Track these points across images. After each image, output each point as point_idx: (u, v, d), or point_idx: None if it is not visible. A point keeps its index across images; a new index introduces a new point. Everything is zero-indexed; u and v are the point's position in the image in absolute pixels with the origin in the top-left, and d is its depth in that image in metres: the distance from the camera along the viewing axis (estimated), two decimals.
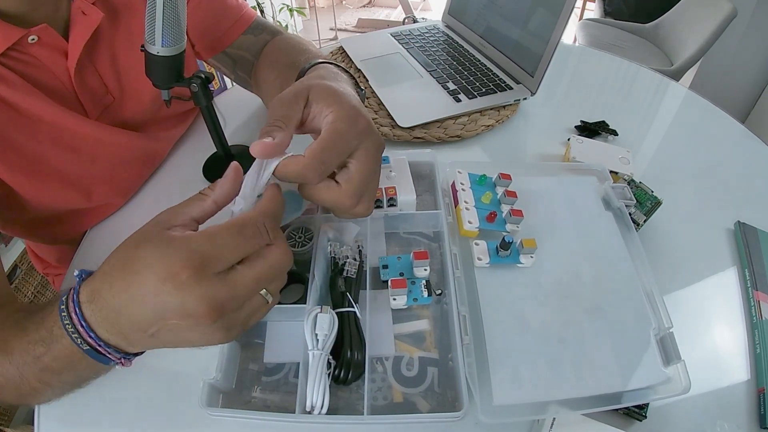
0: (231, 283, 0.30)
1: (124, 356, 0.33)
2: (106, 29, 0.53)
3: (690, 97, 0.79)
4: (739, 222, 0.56)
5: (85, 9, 0.50)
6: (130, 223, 0.60)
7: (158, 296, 0.28)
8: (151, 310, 0.29)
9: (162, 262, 0.28)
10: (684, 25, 1.69)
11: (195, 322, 0.29)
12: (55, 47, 0.49)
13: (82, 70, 0.52)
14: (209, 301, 0.29)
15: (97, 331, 0.31)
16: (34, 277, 1.17)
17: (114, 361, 0.33)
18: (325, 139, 0.35)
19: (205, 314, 0.29)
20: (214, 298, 0.29)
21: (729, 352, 0.46)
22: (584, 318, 0.44)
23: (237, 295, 0.30)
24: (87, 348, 0.31)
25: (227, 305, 0.30)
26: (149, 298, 0.29)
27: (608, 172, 0.55)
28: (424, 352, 0.43)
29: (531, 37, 0.71)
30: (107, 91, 0.55)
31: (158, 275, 0.28)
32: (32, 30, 0.46)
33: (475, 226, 0.48)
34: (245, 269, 0.31)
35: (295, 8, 2.70)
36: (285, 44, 0.64)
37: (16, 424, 0.99)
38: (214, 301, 0.29)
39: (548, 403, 0.39)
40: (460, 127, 0.68)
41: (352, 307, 0.43)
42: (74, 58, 0.50)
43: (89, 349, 0.31)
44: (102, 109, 0.56)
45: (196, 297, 0.28)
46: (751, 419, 0.41)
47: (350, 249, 0.47)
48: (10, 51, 0.46)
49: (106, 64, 0.54)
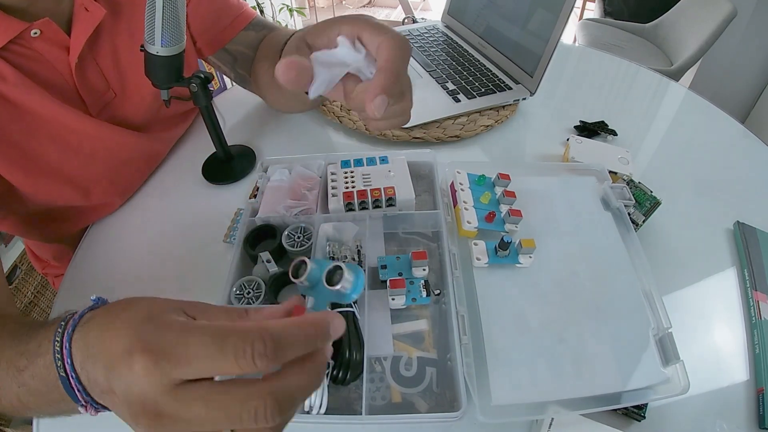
0: (184, 398, 0.24)
1: (91, 401, 0.28)
2: (108, 25, 0.53)
3: (690, 97, 0.79)
4: (739, 222, 0.56)
5: (87, 5, 0.50)
6: (130, 223, 0.61)
7: (113, 357, 0.25)
8: (104, 366, 0.25)
9: (131, 330, 0.25)
10: (684, 25, 1.69)
11: (128, 413, 0.25)
12: (57, 42, 0.49)
13: (84, 65, 0.52)
14: (150, 403, 0.24)
15: (74, 359, 0.27)
16: (34, 277, 1.17)
17: (81, 402, 0.28)
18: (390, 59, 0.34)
19: (139, 414, 0.24)
20: (157, 404, 0.24)
21: (728, 352, 0.46)
22: (583, 318, 0.44)
23: (182, 416, 0.24)
24: (63, 374, 0.28)
25: (167, 420, 0.24)
26: (109, 350, 0.25)
27: (607, 172, 0.55)
28: (422, 352, 0.43)
29: (530, 37, 0.71)
30: (108, 86, 0.55)
31: (123, 339, 0.24)
32: (34, 24, 0.47)
33: (473, 226, 0.48)
34: (198, 394, 0.24)
35: (295, 8, 2.70)
36: (276, 36, 0.65)
37: (16, 425, 0.99)
38: (154, 407, 0.24)
39: (547, 404, 0.39)
40: (459, 127, 0.68)
41: (350, 307, 0.43)
42: (76, 53, 0.50)
43: (64, 377, 0.28)
44: (103, 105, 0.56)
45: (138, 386, 0.24)
46: (750, 419, 0.41)
47: (349, 249, 0.47)
48: (12, 44, 0.46)
49: (108, 59, 0.54)
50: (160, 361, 0.23)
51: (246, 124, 0.74)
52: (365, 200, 0.51)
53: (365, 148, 0.69)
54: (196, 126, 0.73)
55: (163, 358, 0.23)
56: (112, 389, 0.25)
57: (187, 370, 0.23)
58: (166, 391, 0.23)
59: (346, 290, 0.28)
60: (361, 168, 0.55)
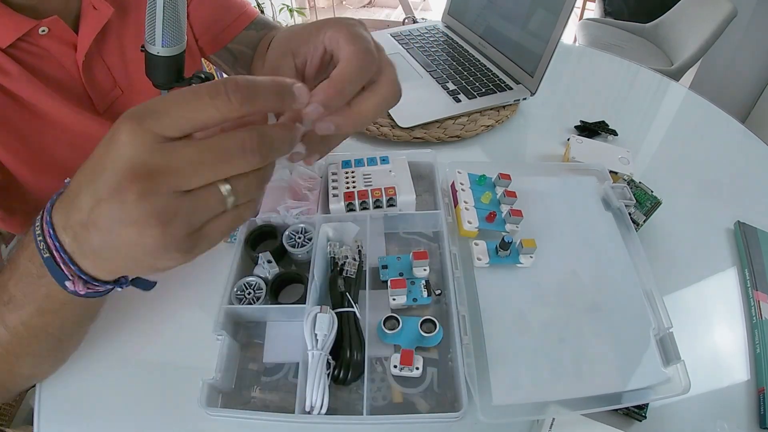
0: (178, 157, 0.24)
1: (78, 271, 0.29)
2: (116, 23, 0.53)
3: (690, 97, 0.79)
4: (739, 222, 0.56)
5: (96, 3, 0.50)
6: None
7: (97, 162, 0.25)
8: (86, 186, 0.25)
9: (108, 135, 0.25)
10: (684, 25, 1.69)
11: (120, 198, 0.24)
12: (65, 40, 0.49)
13: (91, 63, 0.52)
14: (136, 165, 0.24)
15: (60, 235, 0.28)
16: None
17: (68, 276, 0.29)
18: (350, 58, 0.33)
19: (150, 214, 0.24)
20: (158, 176, 0.24)
21: (729, 352, 0.46)
22: (584, 318, 0.44)
23: (172, 166, 0.24)
24: (47, 255, 0.28)
25: (178, 202, 0.24)
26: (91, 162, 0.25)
27: (608, 172, 0.55)
28: (423, 352, 0.43)
29: (531, 38, 0.71)
30: (115, 84, 0.56)
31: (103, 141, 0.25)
32: (43, 21, 0.47)
33: (474, 226, 0.48)
34: (186, 141, 0.25)
35: (295, 8, 2.70)
36: (275, 34, 0.65)
37: (16, 425, 0.98)
38: (142, 167, 0.24)
39: (548, 404, 0.39)
40: (460, 127, 0.68)
41: (351, 307, 0.43)
42: (83, 51, 0.50)
43: (48, 258, 0.28)
44: (110, 103, 0.56)
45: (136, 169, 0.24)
46: (751, 419, 0.41)
47: (350, 249, 0.47)
48: (21, 42, 0.46)
49: (115, 57, 0.55)
50: (142, 121, 0.24)
51: None
52: (366, 200, 0.51)
53: (366, 148, 0.69)
54: None
55: (143, 117, 0.24)
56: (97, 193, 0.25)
57: (167, 121, 0.24)
58: (155, 147, 0.24)
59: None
60: (362, 168, 0.55)
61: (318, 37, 0.36)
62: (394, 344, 0.43)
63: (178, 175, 0.24)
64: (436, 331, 0.42)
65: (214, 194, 0.26)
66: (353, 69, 0.32)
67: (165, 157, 0.24)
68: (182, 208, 0.25)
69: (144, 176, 0.24)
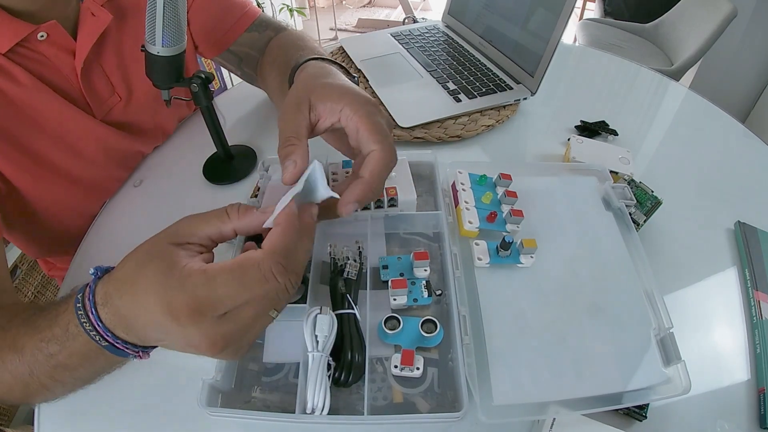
0: (233, 319, 0.29)
1: (142, 350, 0.33)
2: (114, 30, 0.53)
3: (690, 97, 0.79)
4: (739, 222, 0.56)
5: (94, 10, 0.50)
6: (131, 223, 0.61)
7: (161, 324, 0.29)
8: (154, 329, 0.30)
9: (161, 296, 0.28)
10: (684, 25, 1.69)
11: (198, 352, 0.30)
12: (63, 46, 0.49)
13: (89, 70, 0.52)
14: (210, 338, 0.29)
15: (115, 331, 0.31)
16: (34, 277, 1.17)
17: (132, 354, 0.33)
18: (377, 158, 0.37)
19: (208, 348, 0.29)
20: (216, 335, 0.29)
21: (729, 352, 0.46)
22: (584, 318, 0.44)
23: (239, 328, 0.30)
24: (106, 344, 0.31)
25: (229, 338, 0.30)
26: (153, 318, 0.29)
27: (608, 172, 0.55)
28: (424, 353, 0.43)
29: (531, 37, 0.71)
30: (113, 91, 0.56)
31: (159, 306, 0.28)
32: (41, 26, 0.47)
33: (475, 226, 0.48)
34: (247, 308, 0.30)
35: (295, 8, 2.70)
36: (285, 41, 0.65)
37: (16, 424, 0.99)
38: (215, 337, 0.29)
39: (548, 404, 0.39)
40: (461, 127, 0.68)
41: (352, 308, 0.43)
42: (81, 57, 0.50)
43: (108, 345, 0.31)
44: (108, 109, 0.56)
45: (197, 334, 0.29)
46: (751, 419, 0.41)
47: (350, 250, 0.47)
48: (19, 47, 0.46)
49: (113, 64, 0.54)
50: (199, 311, 0.28)
51: (247, 124, 0.74)
52: None
53: None
54: (196, 126, 0.73)
55: (198, 308, 0.28)
56: (169, 338, 0.30)
57: (221, 309, 0.29)
58: (217, 323, 0.29)
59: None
60: None
61: (337, 105, 0.38)
62: (395, 344, 0.43)
63: (242, 331, 0.30)
64: (436, 331, 0.42)
65: (263, 321, 0.32)
66: (383, 169, 0.37)
67: (232, 326, 0.30)
68: (243, 342, 0.31)
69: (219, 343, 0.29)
